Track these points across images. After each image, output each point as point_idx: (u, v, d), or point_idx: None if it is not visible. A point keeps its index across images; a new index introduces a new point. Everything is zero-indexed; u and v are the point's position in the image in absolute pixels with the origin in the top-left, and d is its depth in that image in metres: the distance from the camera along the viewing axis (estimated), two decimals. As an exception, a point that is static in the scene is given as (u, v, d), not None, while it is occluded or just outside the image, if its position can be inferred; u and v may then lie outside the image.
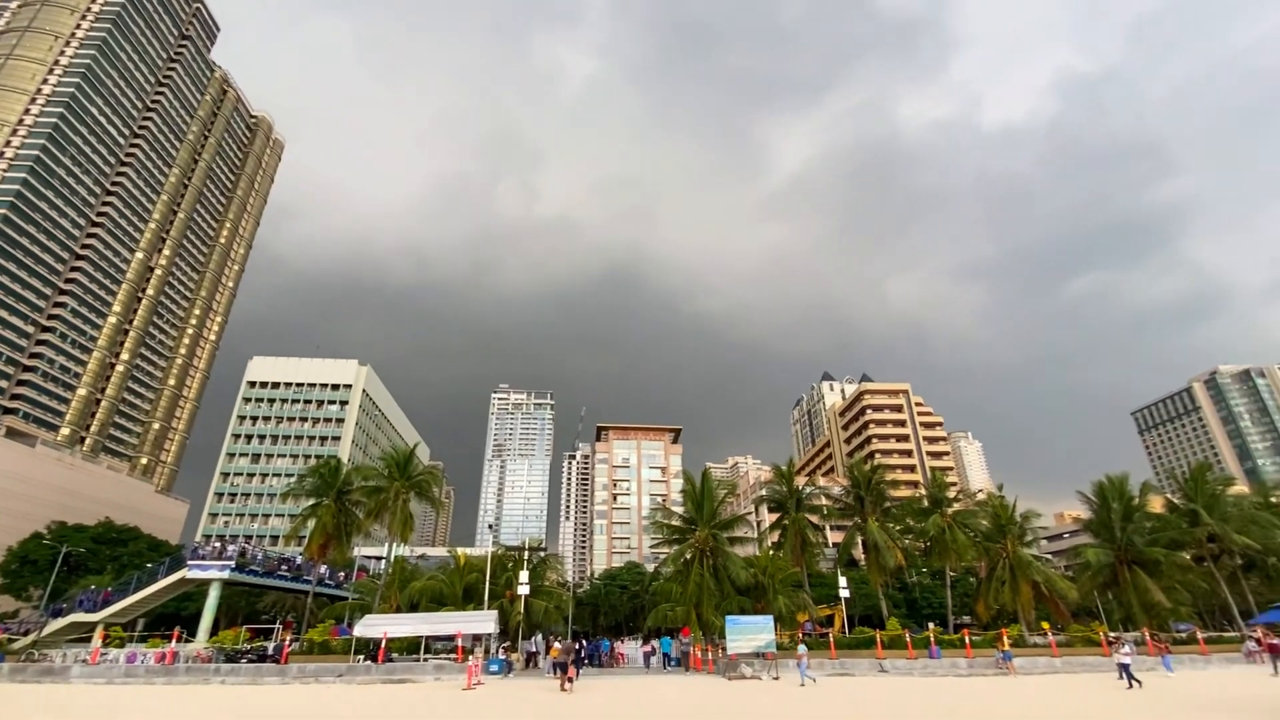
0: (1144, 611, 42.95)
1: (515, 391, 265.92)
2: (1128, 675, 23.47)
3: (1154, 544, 44.63)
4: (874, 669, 31.87)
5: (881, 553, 45.39)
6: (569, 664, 25.82)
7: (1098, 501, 47.26)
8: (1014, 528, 45.41)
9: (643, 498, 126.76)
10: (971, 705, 20.54)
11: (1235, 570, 46.93)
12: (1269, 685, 24.18)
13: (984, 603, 45.38)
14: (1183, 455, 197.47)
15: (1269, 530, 45.41)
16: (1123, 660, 24.12)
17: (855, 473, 51.14)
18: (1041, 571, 43.62)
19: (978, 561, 49.30)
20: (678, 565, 41.23)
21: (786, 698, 22.25)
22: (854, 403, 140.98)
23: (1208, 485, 47.74)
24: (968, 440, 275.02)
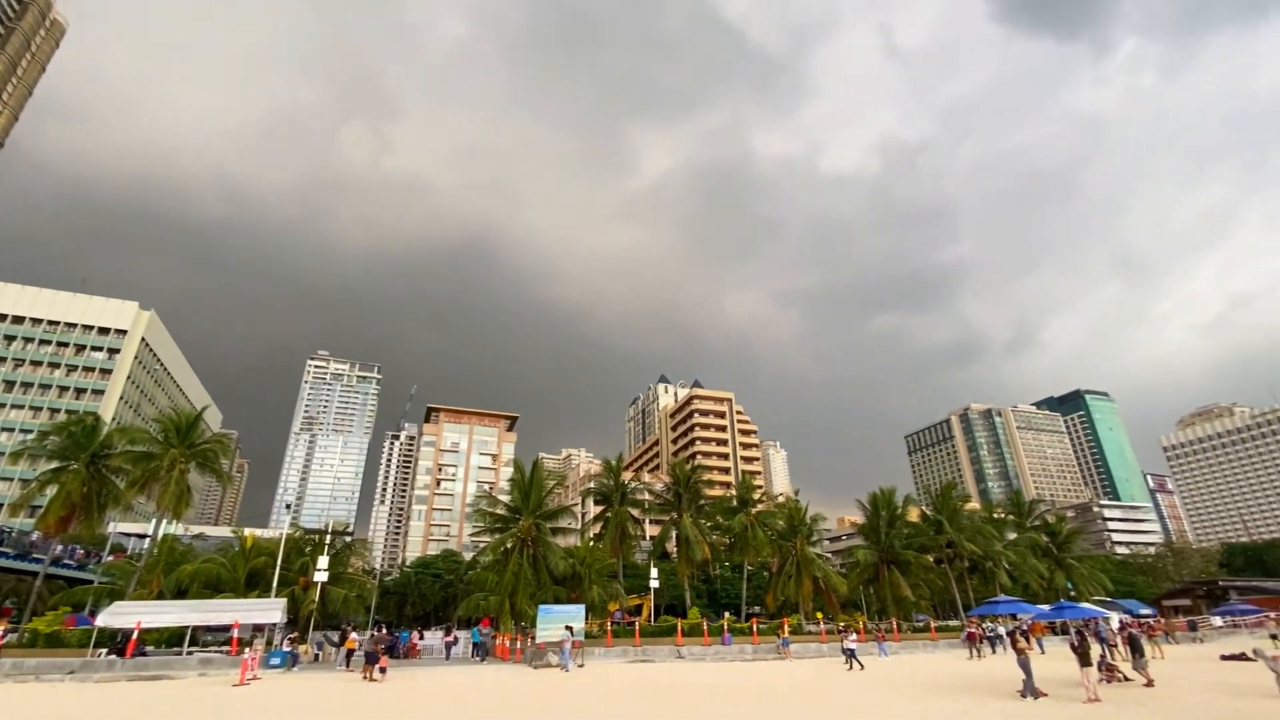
0: (895, 604, 50.77)
1: (337, 360, 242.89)
2: (852, 658, 27.89)
3: (908, 547, 52.95)
4: (672, 655, 34.06)
5: (691, 546, 48.66)
6: (380, 654, 24.64)
7: (870, 509, 54.89)
8: (804, 529, 51.20)
9: (469, 484, 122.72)
10: (729, 681, 22.82)
11: (963, 571, 57.20)
12: (961, 666, 29.70)
13: (773, 595, 50.72)
14: (937, 475, 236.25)
15: (990, 540, 56.09)
16: (848, 646, 28.42)
17: (677, 471, 54.26)
18: (821, 568, 49.68)
19: (772, 557, 54.86)
20: (497, 554, 40.63)
21: (569, 683, 22.98)
22: (684, 406, 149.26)
23: (951, 501, 57.63)
24: (776, 449, 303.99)
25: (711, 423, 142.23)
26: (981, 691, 19.03)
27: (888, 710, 16.03)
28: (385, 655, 25.53)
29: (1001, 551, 56.29)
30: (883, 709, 16.25)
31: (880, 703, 17.40)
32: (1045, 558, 60.13)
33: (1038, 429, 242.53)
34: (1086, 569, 61.32)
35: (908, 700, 17.73)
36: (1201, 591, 61.91)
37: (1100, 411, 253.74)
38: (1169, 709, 15.08)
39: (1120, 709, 15.12)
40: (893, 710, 16.00)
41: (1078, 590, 57.76)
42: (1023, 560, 56.84)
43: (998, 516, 65.99)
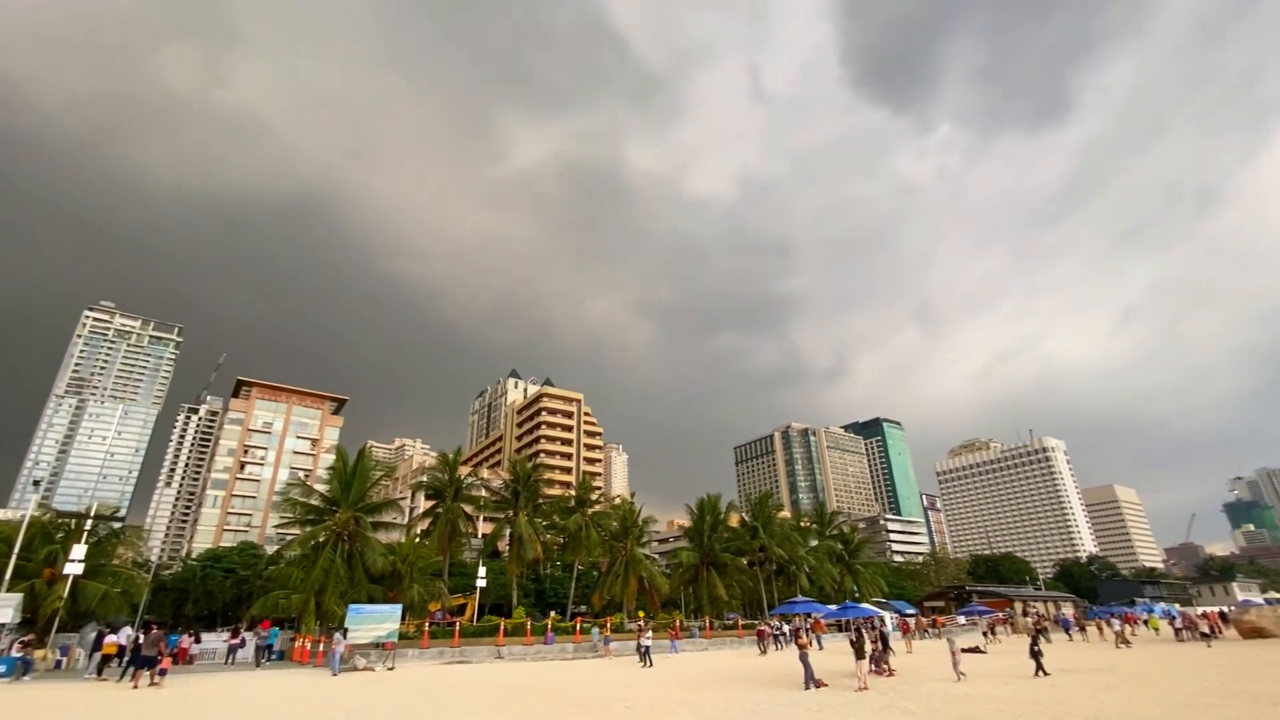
0: (710, 603, 54.40)
1: (125, 315, 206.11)
2: (645, 655, 29.30)
3: (727, 550, 57.06)
4: (492, 655, 33.41)
5: (524, 545, 48.20)
6: (161, 655, 21.76)
7: (697, 514, 58.32)
8: (636, 530, 53.03)
9: (280, 470, 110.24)
10: (537, 680, 23.09)
11: (771, 574, 62.81)
12: (751, 661, 32.21)
13: (599, 594, 51.83)
14: (759, 484, 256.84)
15: (796, 546, 62.20)
16: (644, 643, 29.88)
17: (518, 468, 53.48)
18: (647, 568, 51.75)
19: (603, 558, 56.07)
20: (306, 548, 37.01)
21: (361, 687, 21.82)
22: (533, 403, 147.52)
23: (767, 509, 63.08)
24: (618, 452, 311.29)
25: (559, 422, 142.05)
26: (772, 684, 21.09)
27: (691, 703, 17.16)
28: (168, 658, 22.45)
29: (804, 556, 62.60)
30: (687, 703, 17.36)
31: (685, 697, 18.56)
32: (839, 563, 67.95)
33: (843, 449, 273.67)
34: (870, 574, 70.35)
35: (709, 693, 19.12)
36: (952, 595, 73.72)
37: (893, 438, 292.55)
38: (917, 693, 17.85)
39: (882, 694, 17.62)
40: (695, 703, 17.16)
41: (861, 592, 65.94)
42: (821, 565, 63.72)
43: (804, 525, 73.42)
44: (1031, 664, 21.44)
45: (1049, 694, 16.95)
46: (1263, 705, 14.06)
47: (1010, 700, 16.05)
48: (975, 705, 15.39)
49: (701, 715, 15.00)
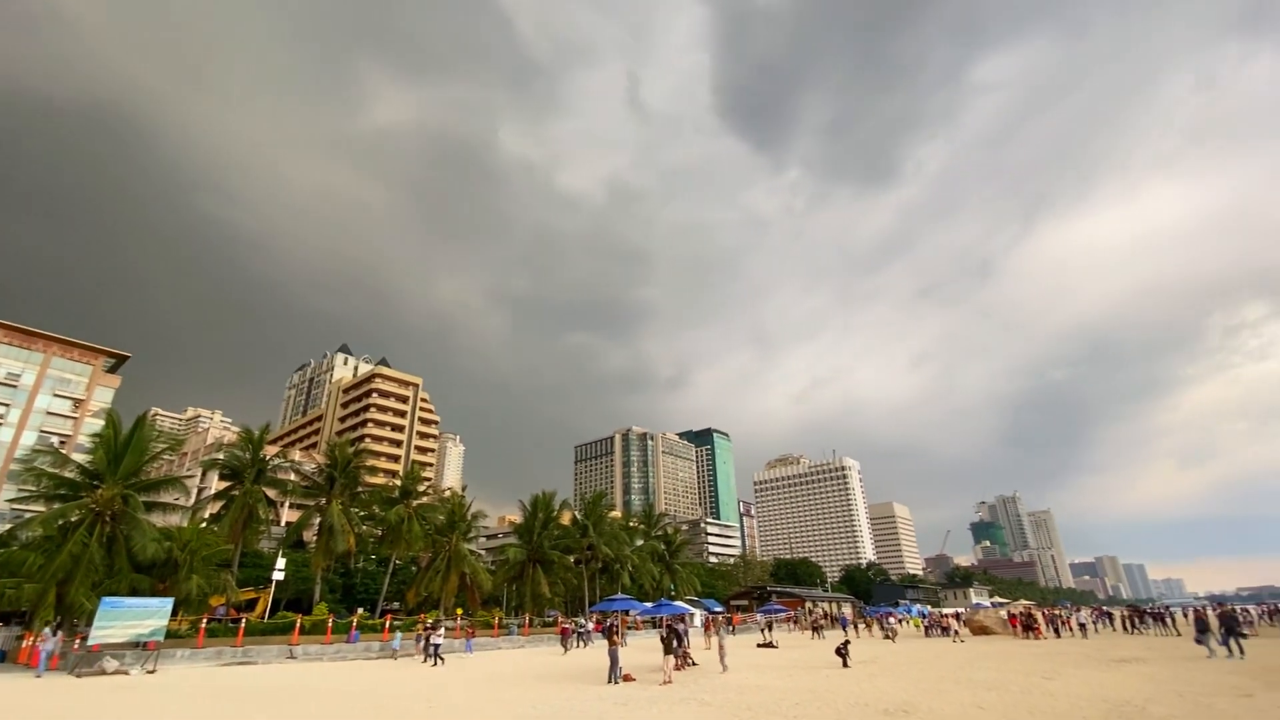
0: (533, 601, 54.09)
1: None
2: (433, 654, 28.44)
3: (555, 548, 57.20)
4: (283, 655, 30.28)
5: (335, 536, 44.30)
6: None
7: (529, 510, 57.82)
8: (463, 525, 51.23)
9: (25, 433, 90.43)
10: (328, 684, 21.62)
11: (596, 572, 64.06)
12: (553, 659, 32.54)
13: (416, 590, 49.23)
14: (595, 484, 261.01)
15: (622, 545, 64.10)
16: (436, 641, 28.82)
17: (336, 452, 49.08)
18: (471, 564, 50.22)
19: (425, 552, 53.39)
20: (51, 529, 30.75)
21: (108, 695, 18.92)
22: (364, 383, 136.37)
23: (599, 509, 64.38)
24: (455, 442, 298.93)
25: (392, 406, 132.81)
26: (581, 680, 21.54)
27: (500, 701, 16.95)
28: None
29: (629, 555, 64.73)
30: (496, 701, 17.12)
31: (493, 696, 18.31)
32: (660, 562, 71.20)
33: (676, 455, 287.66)
34: (687, 573, 74.55)
35: (517, 691, 19.03)
36: (756, 594, 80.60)
37: (721, 448, 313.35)
38: (714, 685, 19.26)
39: (683, 687, 18.76)
40: (504, 700, 16.99)
41: (677, 590, 69.64)
42: (644, 564, 66.29)
43: (632, 525, 76.03)
44: (820, 656, 24.10)
45: (823, 684, 19.19)
46: (979, 690, 17.12)
47: (791, 690, 17.92)
48: (762, 694, 16.96)
49: (510, 713, 14.88)
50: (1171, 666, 21.64)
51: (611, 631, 21.18)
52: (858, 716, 13.39)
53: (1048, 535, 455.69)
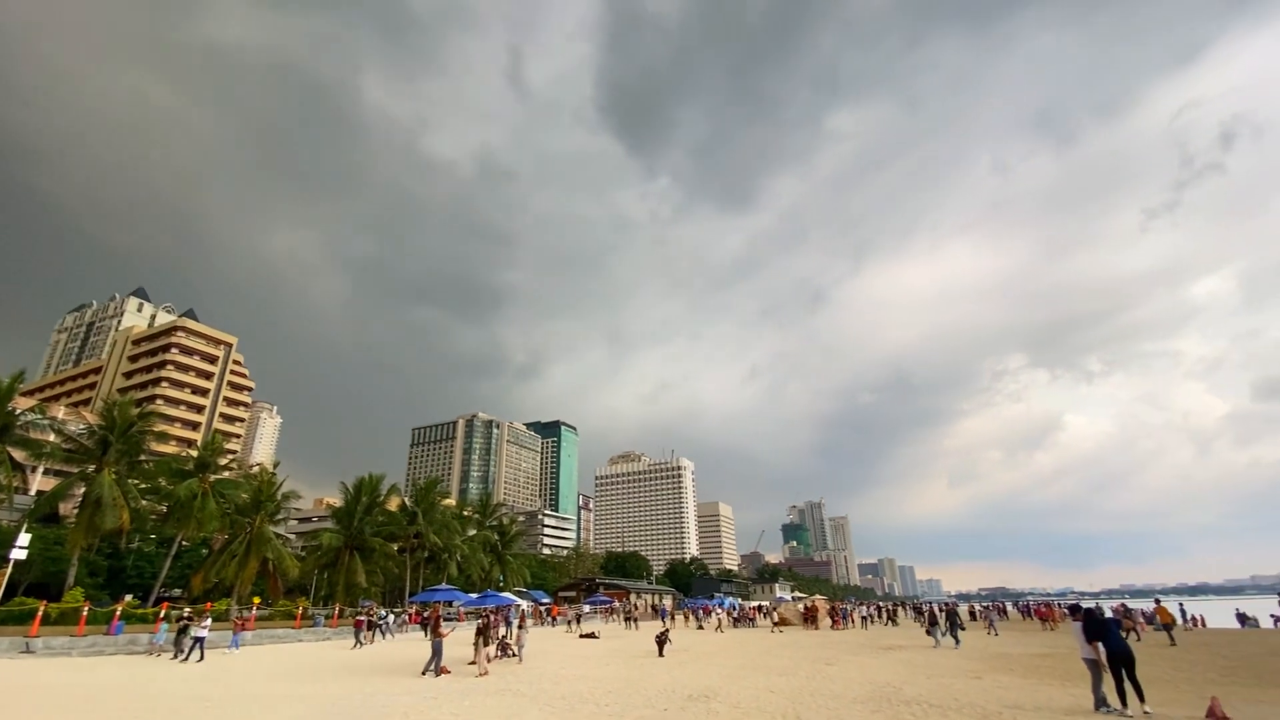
0: (346, 590, 50.26)
1: None
2: (193, 648, 24.48)
3: (378, 535, 53.66)
4: (16, 649, 25.17)
5: (104, 510, 37.66)
6: None
7: (352, 493, 53.70)
8: (271, 505, 46.24)
9: None
10: (75, 681, 18.72)
11: (421, 561, 61.13)
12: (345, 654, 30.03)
13: (204, 575, 43.51)
14: (431, 469, 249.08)
15: (452, 534, 61.82)
16: (198, 634, 24.72)
17: (115, 412, 41.74)
18: (276, 549, 45.46)
19: (221, 533, 47.40)
20: None
21: None
22: (163, 335, 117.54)
23: (431, 496, 61.54)
24: (271, 414, 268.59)
25: (196, 365, 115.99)
26: (392, 672, 20.50)
27: (295, 697, 15.56)
28: None
29: (459, 545, 62.66)
30: (289, 697, 15.69)
31: (288, 691, 16.77)
32: (491, 553, 69.77)
33: (522, 445, 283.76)
34: (518, 564, 73.79)
35: (317, 686, 17.62)
36: (584, 585, 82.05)
37: (568, 441, 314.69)
38: (531, 676, 19.29)
39: (500, 679, 18.56)
40: (300, 696, 15.62)
41: (506, 581, 68.74)
42: (474, 554, 64.52)
43: (466, 514, 73.67)
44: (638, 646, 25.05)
45: (637, 672, 20.05)
46: (773, 676, 18.93)
47: (606, 678, 18.50)
48: (578, 684, 17.31)
49: (306, 709, 13.70)
50: (924, 654, 25.55)
51: (435, 623, 20.34)
52: (665, 702, 14.17)
53: (844, 538, 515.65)
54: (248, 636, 32.65)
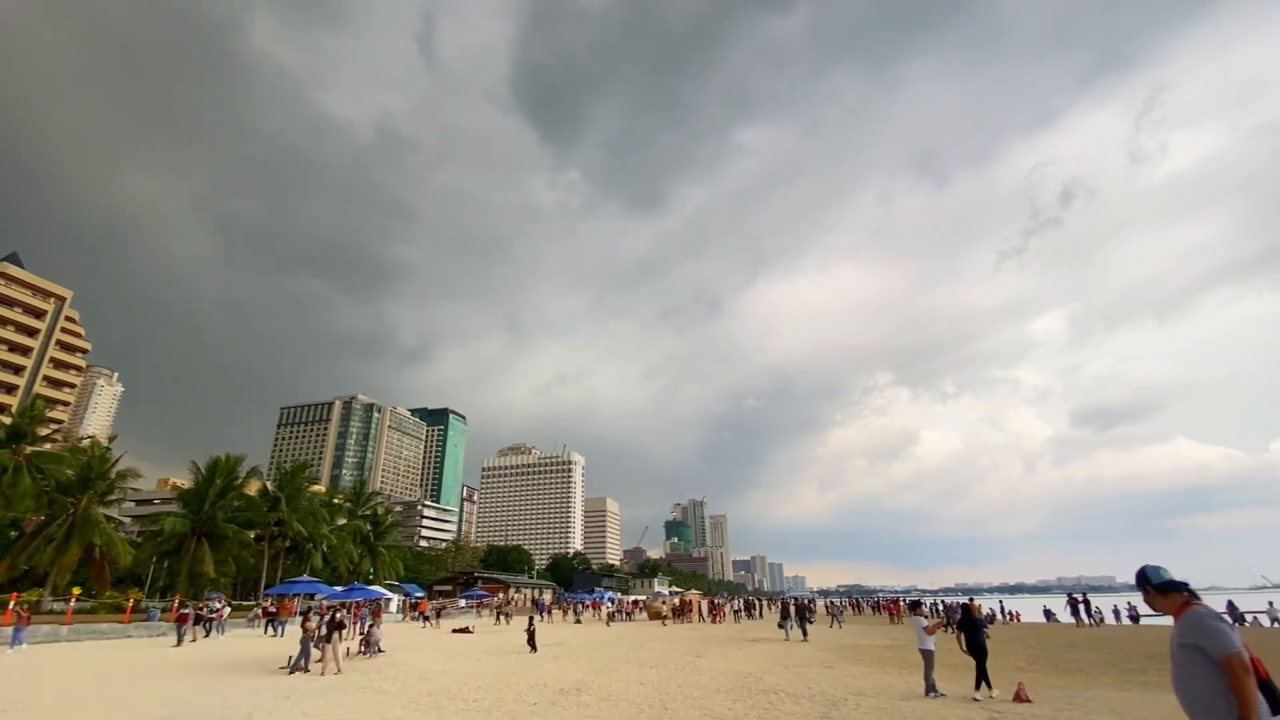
0: (190, 580, 45.54)
1: None
2: None
3: (232, 521, 49.05)
4: None
5: (-126, 484, 31.61)
6: None
7: (204, 475, 48.75)
8: (102, 484, 40.98)
9: None
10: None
11: (282, 550, 56.59)
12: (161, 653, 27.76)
13: (11, 562, 37.72)
14: (301, 452, 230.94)
15: (320, 523, 57.77)
16: None
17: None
18: (106, 533, 40.38)
19: (36, 514, 41.33)
20: None
21: None
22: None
23: (298, 481, 57.12)
24: (110, 381, 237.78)
25: (16, 319, 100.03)
26: (240, 671, 18.91)
27: (115, 701, 13.91)
28: None
29: (326, 535, 58.71)
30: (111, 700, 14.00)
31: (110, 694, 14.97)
32: (363, 544, 65.95)
33: (404, 431, 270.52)
34: (391, 556, 70.24)
35: (150, 685, 15.87)
36: (461, 579, 79.71)
37: (456, 430, 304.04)
38: (397, 672, 18.50)
39: (363, 675, 17.64)
40: (123, 700, 13.99)
41: (377, 574, 65.27)
42: (343, 545, 60.66)
43: (337, 502, 69.08)
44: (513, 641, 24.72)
45: (510, 667, 19.82)
46: (644, 668, 19.43)
47: (477, 673, 18.13)
48: (446, 680, 16.83)
49: (131, 714, 12.28)
50: (784, 646, 27.29)
51: (306, 617, 18.86)
52: (536, 696, 14.12)
53: (722, 536, 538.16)
54: (62, 631, 28.69)
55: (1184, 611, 4.21)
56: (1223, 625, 3.97)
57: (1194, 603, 4.23)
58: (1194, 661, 4.02)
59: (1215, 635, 3.93)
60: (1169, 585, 4.45)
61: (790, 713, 12.13)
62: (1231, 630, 3.92)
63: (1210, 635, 3.96)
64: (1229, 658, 3.82)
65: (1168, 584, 4.45)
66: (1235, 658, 3.81)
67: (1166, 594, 4.42)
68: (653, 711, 12.32)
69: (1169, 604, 4.38)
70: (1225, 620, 4.01)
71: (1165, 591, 4.43)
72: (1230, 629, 3.93)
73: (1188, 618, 4.15)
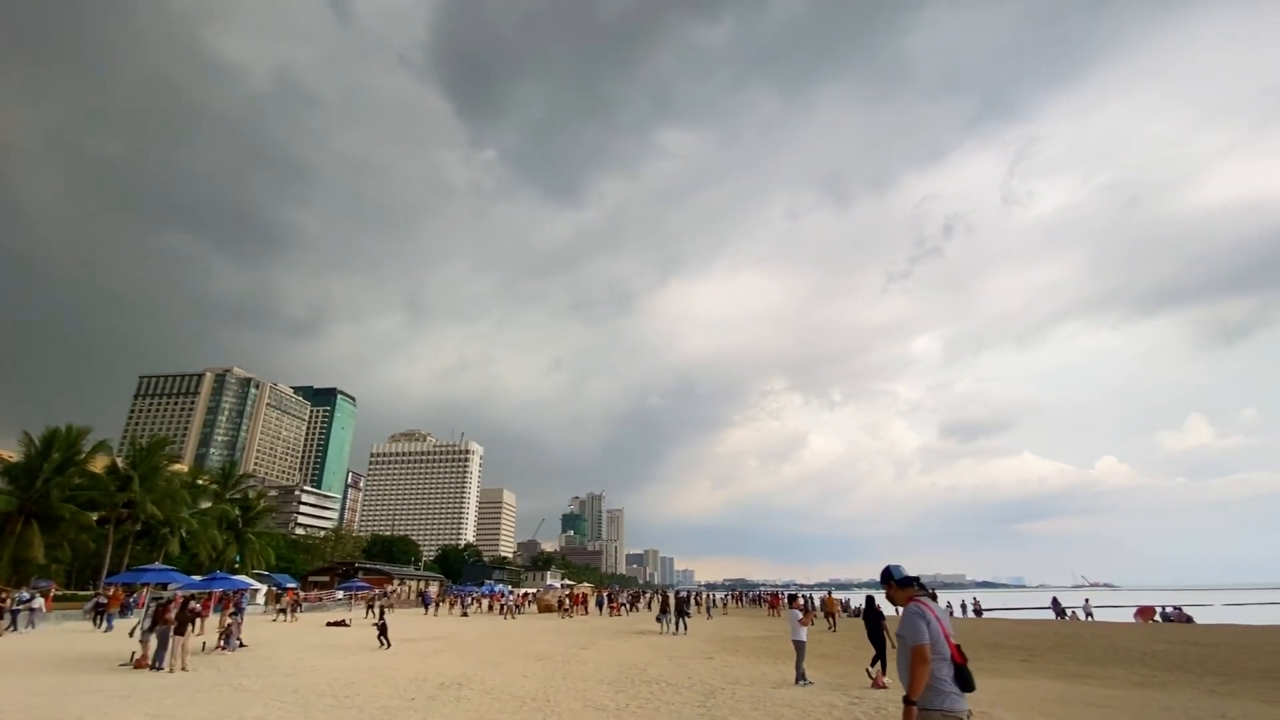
0: (14, 567, 40.10)
1: None
2: None
3: (71, 500, 43.60)
4: None
5: None
6: None
7: (38, 448, 42.98)
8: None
9: None
10: None
11: (131, 534, 50.94)
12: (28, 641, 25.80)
13: None
14: (162, 426, 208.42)
15: (179, 505, 52.56)
16: None
17: None
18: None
19: None
20: None
21: None
22: None
23: (155, 459, 51.57)
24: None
25: None
26: (76, 668, 16.90)
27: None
28: None
29: (186, 519, 53.58)
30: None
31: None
32: (229, 530, 60.75)
33: (285, 410, 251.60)
34: (261, 544, 65.16)
35: None
36: (340, 571, 75.32)
37: (343, 412, 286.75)
38: (259, 668, 17.23)
39: (220, 671, 16.29)
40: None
41: (244, 563, 60.37)
42: (205, 530, 55.62)
43: (201, 483, 63.18)
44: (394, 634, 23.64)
45: (387, 662, 19.02)
46: (530, 661, 19.31)
47: (349, 668, 17.25)
48: (315, 675, 15.89)
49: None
50: (670, 639, 28.07)
51: (164, 609, 16.92)
52: (414, 691, 13.66)
53: (618, 529, 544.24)
54: None
55: (908, 605, 4.92)
56: (920, 621, 4.67)
57: (918, 598, 4.91)
58: (903, 649, 4.76)
59: (913, 629, 4.64)
60: (906, 581, 5.18)
61: (670, 702, 12.53)
62: (926, 625, 4.62)
63: (910, 628, 4.67)
64: (916, 649, 4.55)
65: (905, 580, 5.19)
66: (919, 649, 4.54)
67: (903, 589, 5.14)
68: (535, 704, 12.29)
69: (903, 597, 5.08)
70: (925, 617, 4.69)
71: (903, 586, 5.15)
72: (926, 624, 4.64)
73: (905, 611, 4.87)
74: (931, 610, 4.73)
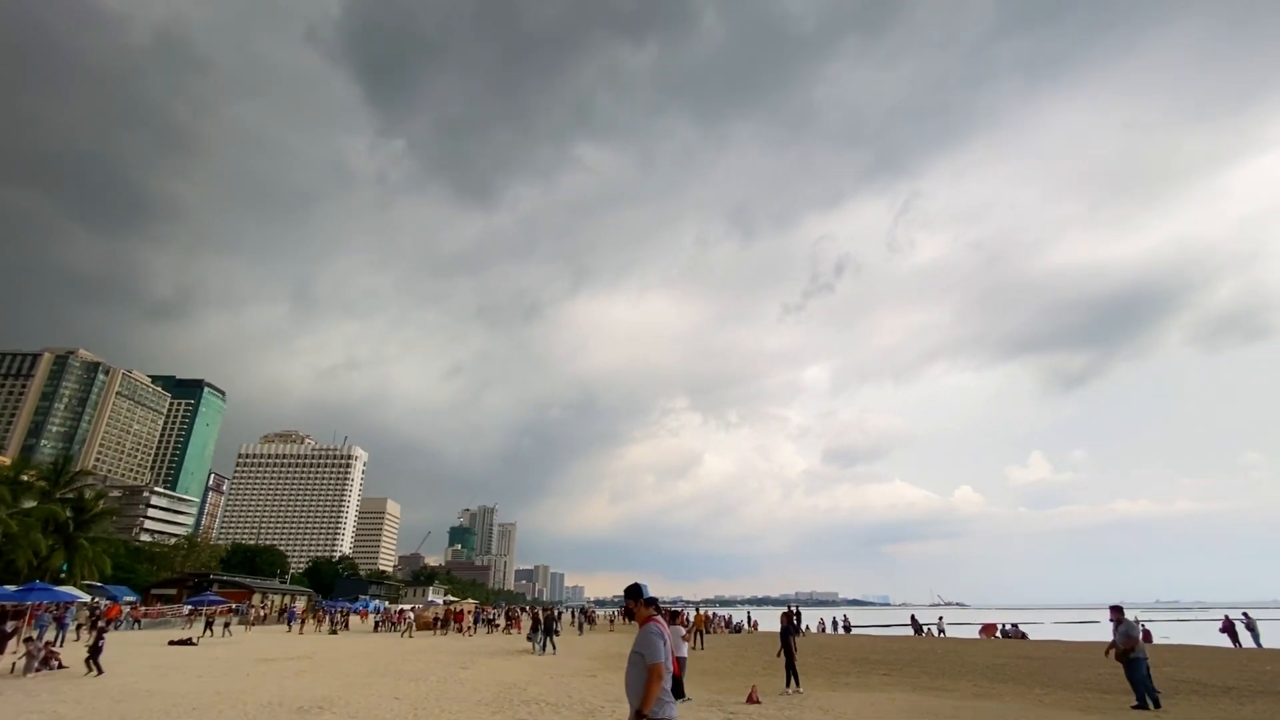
0: None
1: None
2: None
3: None
4: None
5: None
6: None
7: None
8: None
9: None
10: None
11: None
12: None
13: None
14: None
15: (-7, 503, 45.38)
16: None
17: None
18: None
19: None
20: None
21: None
22: None
23: (-31, 448, 44.40)
24: None
25: None
26: None
27: None
28: None
29: (3, 519, 46.40)
30: None
31: None
32: (56, 534, 53.13)
33: (139, 402, 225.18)
34: (96, 551, 57.41)
35: None
36: (191, 582, 67.88)
37: (210, 407, 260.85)
38: (88, 691, 15.16)
39: (32, 697, 14.18)
40: None
41: (71, 571, 52.97)
42: (26, 533, 48.30)
43: (26, 479, 55.03)
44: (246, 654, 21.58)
45: (238, 684, 17.33)
46: (403, 682, 18.29)
47: (192, 693, 15.56)
48: (150, 700, 14.20)
49: None
50: (550, 658, 27.61)
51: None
52: (267, 717, 12.55)
53: (508, 544, 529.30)
54: None
55: (645, 624, 5.24)
56: (658, 640, 5.01)
57: (655, 618, 5.28)
58: (637, 665, 5.00)
59: (651, 648, 4.95)
60: (649, 601, 5.57)
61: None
62: (663, 644, 4.99)
63: (648, 647, 4.97)
64: (653, 666, 4.86)
65: (649, 600, 5.58)
66: (656, 668, 4.85)
67: (646, 607, 5.49)
68: (404, 727, 11.67)
69: (644, 614, 5.40)
70: (662, 636, 5.06)
71: (647, 605, 5.50)
72: (663, 643, 4.99)
73: (643, 630, 5.18)
74: (665, 630, 5.13)
